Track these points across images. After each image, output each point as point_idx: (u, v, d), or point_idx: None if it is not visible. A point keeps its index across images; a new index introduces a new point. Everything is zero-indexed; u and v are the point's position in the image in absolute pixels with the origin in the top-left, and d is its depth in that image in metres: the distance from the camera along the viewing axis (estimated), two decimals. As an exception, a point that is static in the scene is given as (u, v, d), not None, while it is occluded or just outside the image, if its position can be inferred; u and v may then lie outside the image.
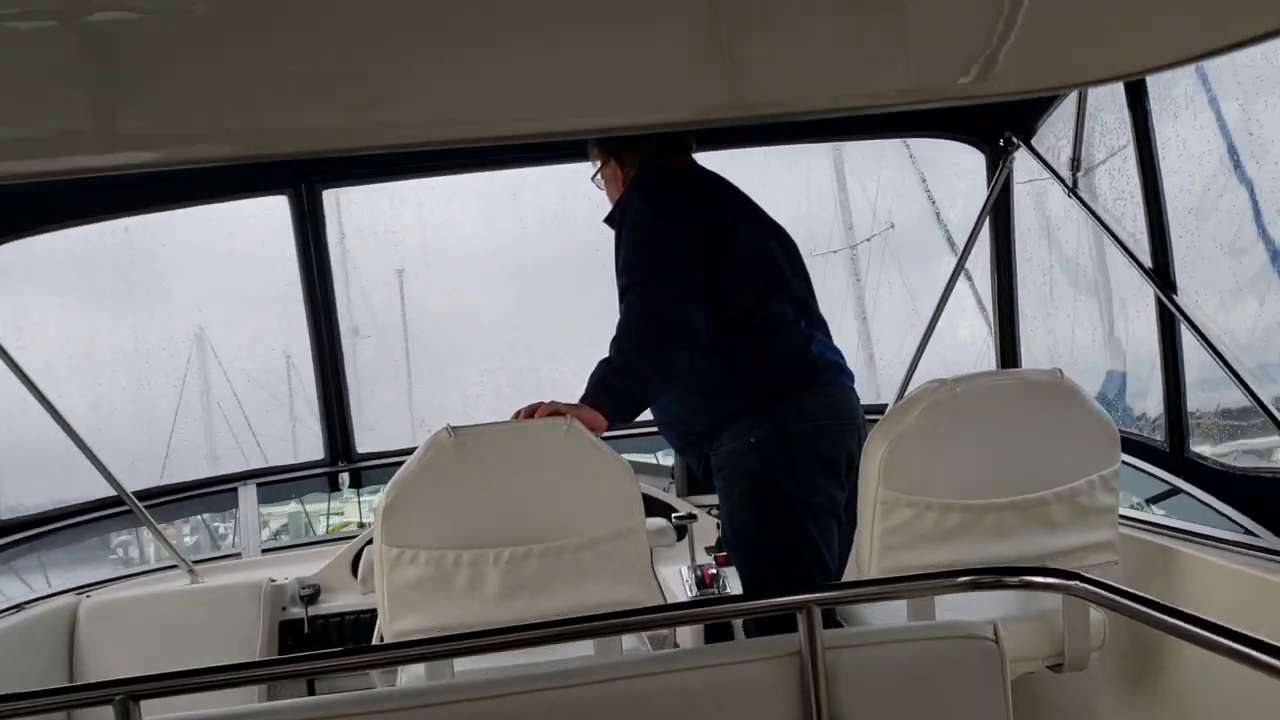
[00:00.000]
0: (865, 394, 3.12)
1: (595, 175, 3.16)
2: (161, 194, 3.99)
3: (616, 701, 1.54)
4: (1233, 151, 2.83)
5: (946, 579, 1.71)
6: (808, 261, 3.12)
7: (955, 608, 2.74)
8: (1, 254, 3.72)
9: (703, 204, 2.93)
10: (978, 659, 1.56)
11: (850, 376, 3.00)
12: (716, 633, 3.17)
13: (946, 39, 1.71)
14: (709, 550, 3.61)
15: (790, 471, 2.79)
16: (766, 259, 2.98)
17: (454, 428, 2.48)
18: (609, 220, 3.04)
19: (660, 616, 1.74)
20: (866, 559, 2.56)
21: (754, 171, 3.84)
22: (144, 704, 1.45)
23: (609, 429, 2.62)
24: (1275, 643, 1.17)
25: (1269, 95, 2.59)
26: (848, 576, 2.93)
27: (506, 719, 1.53)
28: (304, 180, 4.00)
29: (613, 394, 2.63)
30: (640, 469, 4.43)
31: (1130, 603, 1.37)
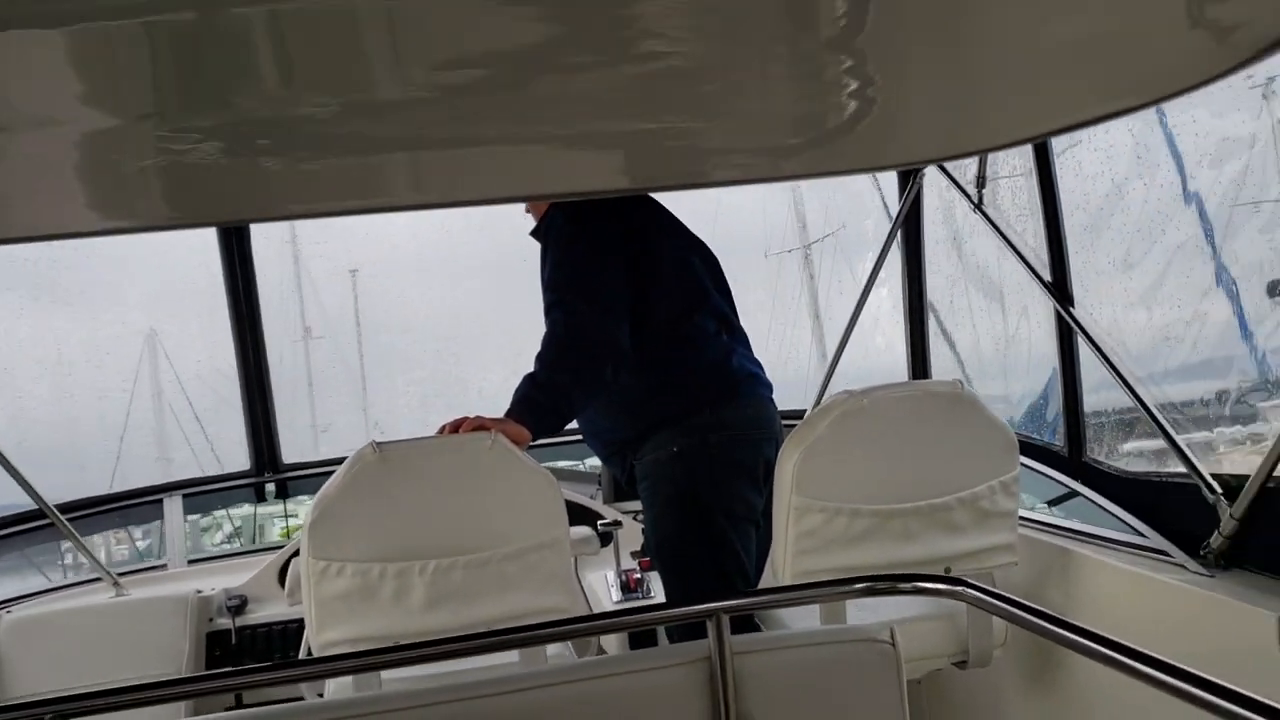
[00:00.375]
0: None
1: None
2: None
3: (537, 709, 1.61)
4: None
5: (845, 585, 1.82)
6: (765, 260, 3.23)
7: (868, 608, 2.87)
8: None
9: (626, 220, 3.01)
10: (876, 661, 1.66)
11: (768, 388, 3.12)
12: (640, 637, 3.26)
13: (859, 116, 1.81)
14: (634, 555, 3.69)
15: (711, 481, 2.89)
16: (689, 274, 3.08)
17: (379, 443, 2.54)
18: (535, 234, 3.11)
19: (578, 627, 1.83)
20: (781, 563, 2.67)
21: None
22: (74, 721, 1.50)
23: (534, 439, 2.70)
24: (1132, 646, 1.28)
25: (1154, 122, 2.75)
26: (764, 580, 3.04)
27: None
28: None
29: (537, 409, 2.71)
30: (568, 475, 4.52)
31: (1008, 606, 1.48)
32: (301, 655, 3.15)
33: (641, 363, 2.93)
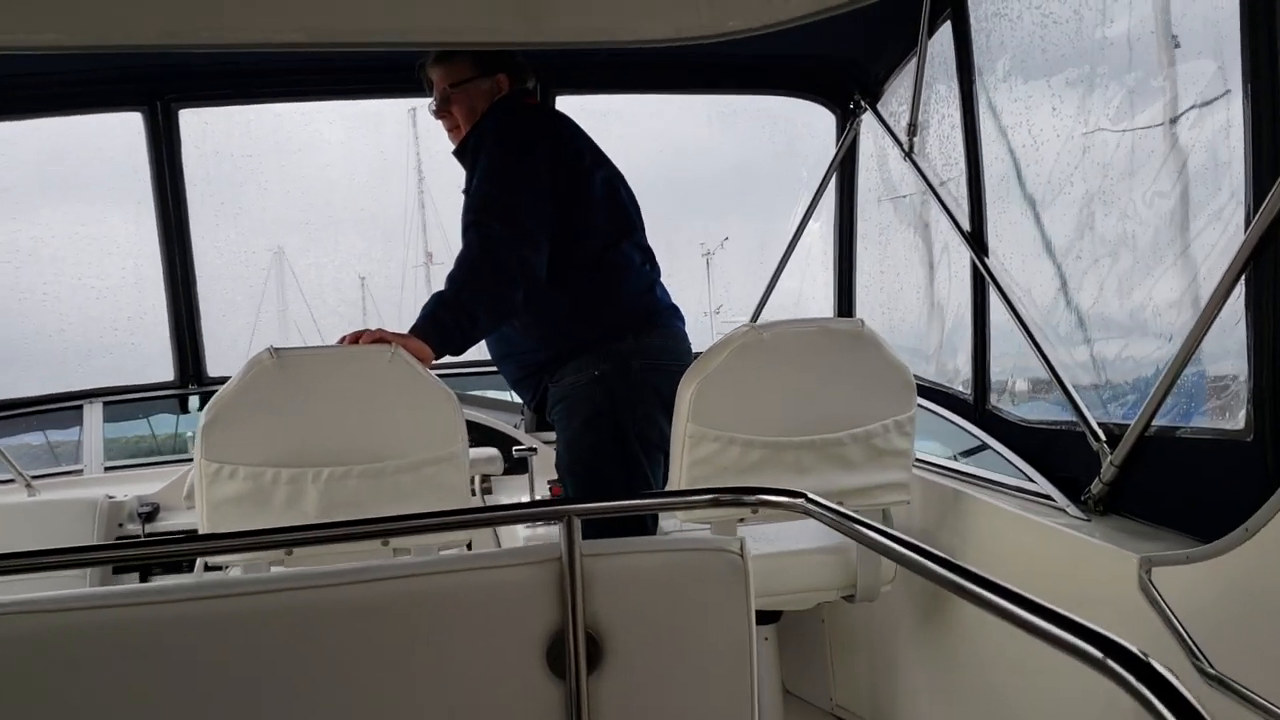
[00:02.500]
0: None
1: (452, 87, 3.09)
2: (8, 103, 3.90)
3: (387, 599, 1.64)
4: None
5: (693, 495, 1.86)
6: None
7: (765, 538, 2.93)
8: None
9: (558, 144, 3.00)
10: (724, 571, 1.70)
11: (683, 320, 3.15)
12: None
13: None
14: (550, 484, 3.73)
15: (630, 405, 2.92)
16: (617, 204, 3.08)
17: (276, 349, 2.54)
18: (458, 154, 3.09)
19: (436, 521, 1.85)
20: (675, 488, 2.71)
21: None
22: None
23: (445, 362, 2.72)
24: (964, 565, 1.32)
25: (1068, 73, 2.77)
26: (663, 521, 3.08)
27: (274, 615, 1.62)
28: (159, 98, 3.95)
29: (441, 327, 2.71)
30: (493, 404, 4.54)
31: (844, 521, 1.51)
32: (198, 568, 3.17)
33: (568, 287, 2.93)
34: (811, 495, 1.63)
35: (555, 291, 2.90)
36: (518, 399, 4.52)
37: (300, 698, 1.63)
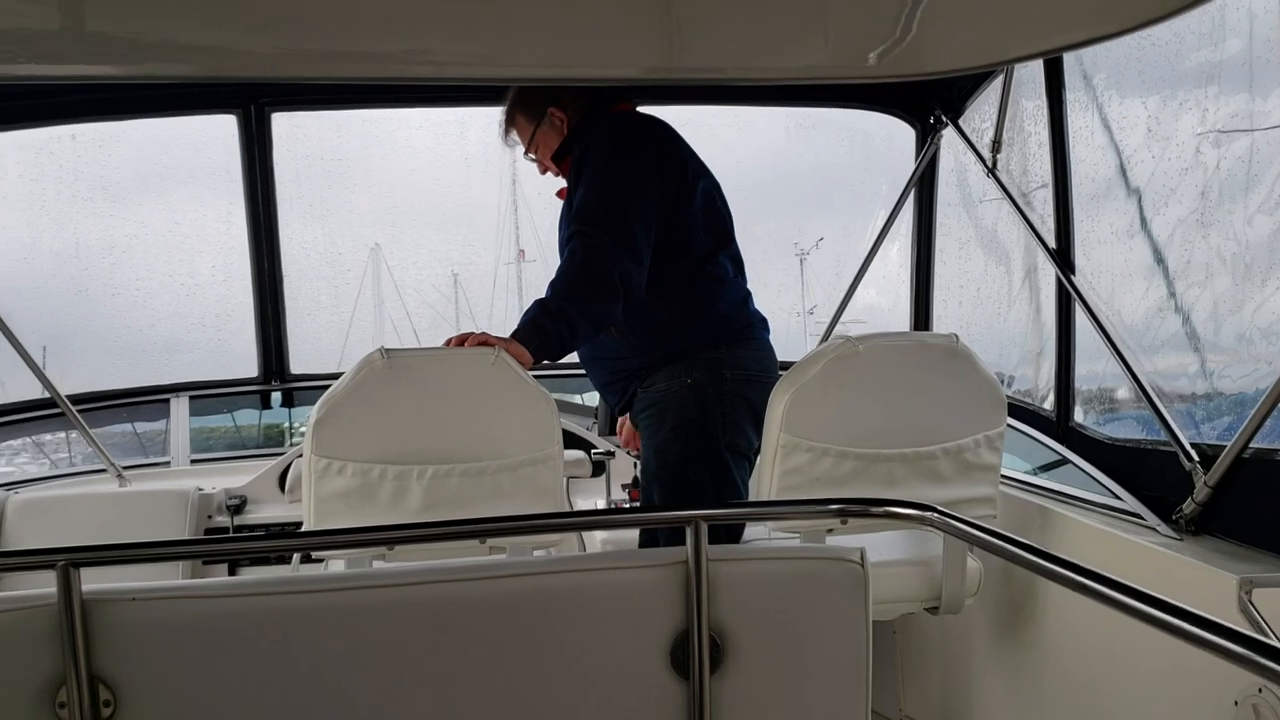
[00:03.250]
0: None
1: (528, 152, 3.20)
2: (106, 104, 4.02)
3: (514, 596, 1.70)
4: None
5: (820, 505, 1.91)
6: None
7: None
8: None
9: (664, 155, 3.02)
10: (844, 579, 1.75)
11: (769, 331, 3.19)
12: None
13: (870, 18, 1.86)
14: (624, 487, 3.78)
15: (721, 414, 2.95)
16: (716, 216, 3.12)
17: (387, 350, 2.62)
18: (558, 158, 3.11)
19: (560, 522, 1.91)
20: (765, 496, 2.75)
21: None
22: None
23: (535, 366, 2.77)
24: (1090, 568, 1.36)
25: (1169, 94, 2.79)
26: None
27: (407, 608, 1.68)
28: (253, 101, 4.06)
29: (542, 334, 2.75)
30: (566, 407, 4.61)
31: (975, 532, 1.56)
32: (295, 561, 3.26)
33: (666, 295, 2.98)
34: (941, 509, 1.67)
35: (654, 299, 2.94)
36: (589, 402, 4.61)
37: (429, 687, 1.70)
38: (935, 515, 1.68)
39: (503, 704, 1.71)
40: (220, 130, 4.10)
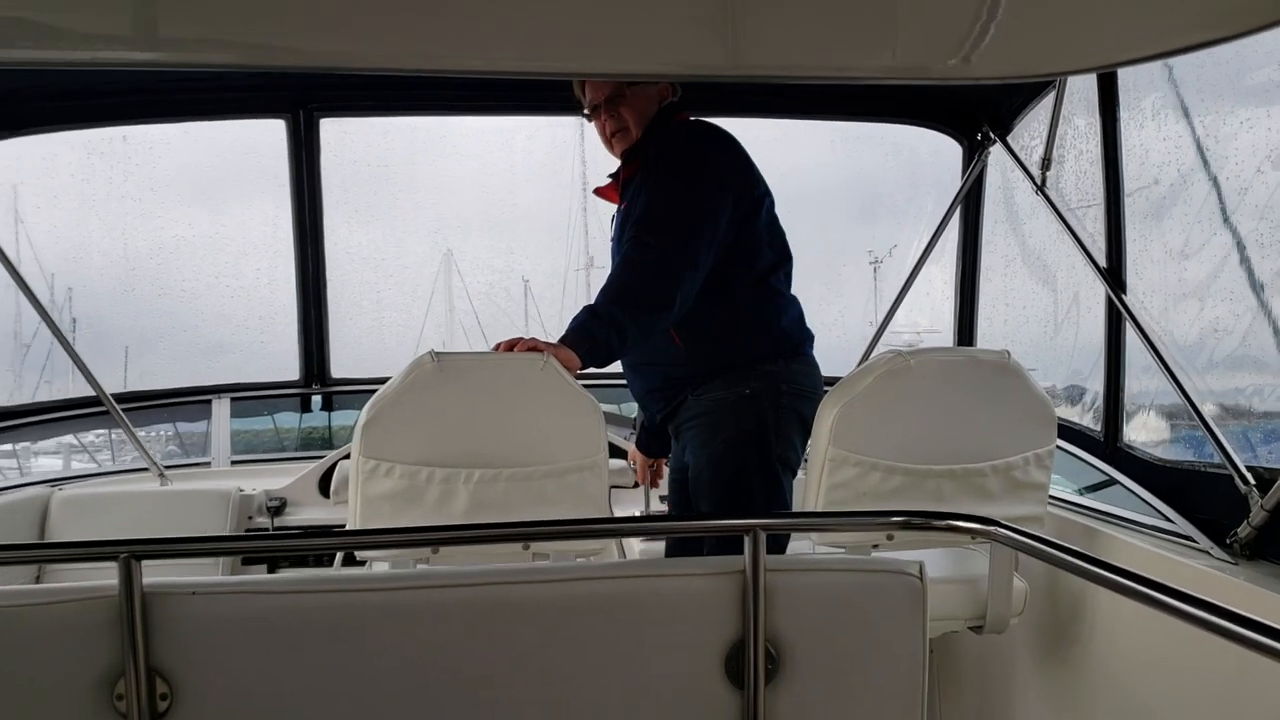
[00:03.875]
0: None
1: (586, 111, 3.14)
2: (157, 107, 4.07)
3: (568, 600, 1.69)
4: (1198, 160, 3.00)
5: (881, 517, 1.89)
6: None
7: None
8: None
9: (738, 168, 3.00)
10: (903, 593, 1.73)
11: (813, 348, 3.17)
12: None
13: (931, 21, 1.85)
14: (663, 499, 3.77)
15: (777, 426, 2.94)
16: (777, 230, 3.10)
17: (437, 353, 2.62)
18: (628, 157, 3.06)
19: (615, 527, 1.91)
20: (812, 509, 2.73)
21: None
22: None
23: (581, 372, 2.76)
24: (1166, 583, 1.34)
25: (1228, 110, 2.76)
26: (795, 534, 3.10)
27: (460, 609, 1.68)
28: (303, 107, 4.10)
29: (591, 340, 2.73)
30: (605, 417, 4.60)
31: (1042, 546, 1.54)
32: (336, 562, 3.26)
33: (730, 306, 2.96)
34: (1004, 522, 1.65)
35: (718, 309, 2.92)
36: (628, 413, 4.59)
37: (480, 689, 1.69)
38: (998, 530, 1.66)
39: (554, 708, 1.70)
40: (269, 135, 4.13)
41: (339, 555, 3.09)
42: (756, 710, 1.69)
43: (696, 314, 2.89)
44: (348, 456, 2.71)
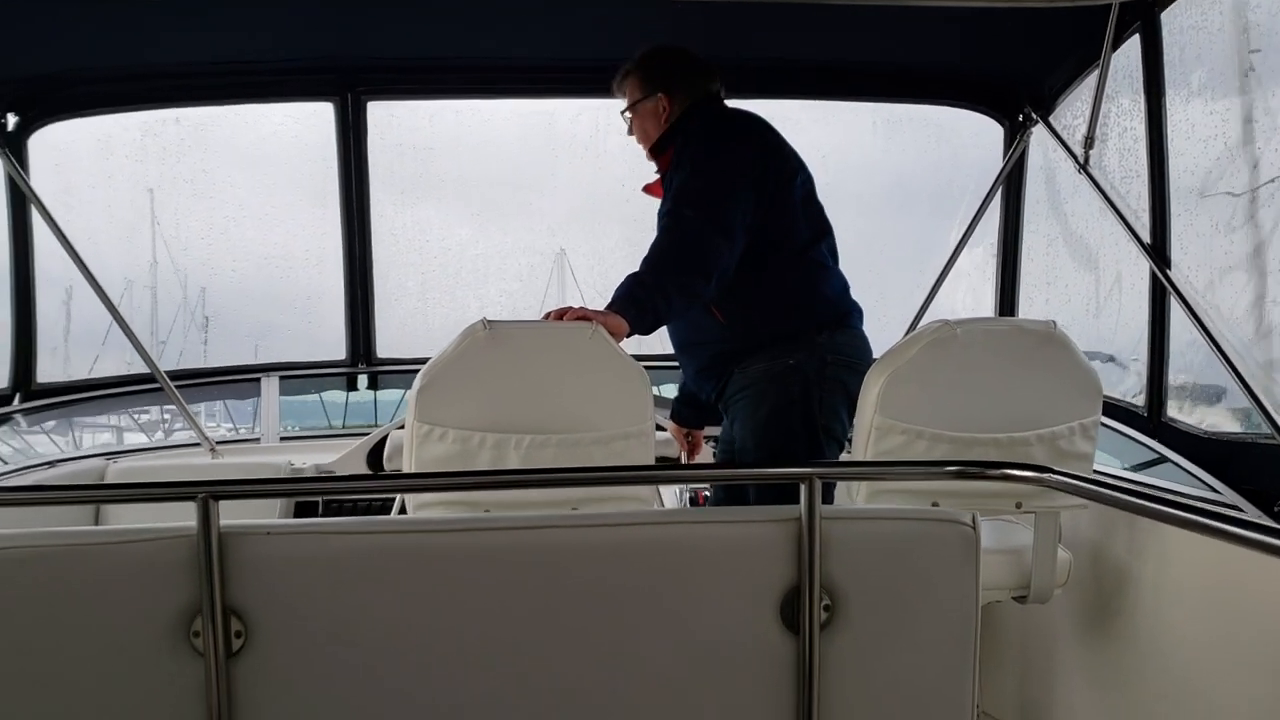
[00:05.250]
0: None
1: (626, 110, 3.32)
2: (209, 89, 4.15)
3: (625, 545, 1.74)
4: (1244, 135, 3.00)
5: (936, 467, 1.92)
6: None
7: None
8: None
9: (762, 145, 3.10)
10: (957, 541, 1.76)
11: (863, 322, 3.21)
12: None
13: None
14: None
15: (821, 397, 3.00)
16: (814, 205, 3.18)
17: (489, 321, 2.67)
18: (656, 150, 3.21)
19: (673, 474, 1.95)
20: (857, 483, 2.76)
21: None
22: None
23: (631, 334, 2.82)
24: (1220, 510, 1.36)
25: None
26: (837, 500, 3.14)
27: (525, 552, 1.73)
28: (350, 90, 4.17)
29: (638, 305, 2.81)
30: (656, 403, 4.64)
31: (1093, 486, 1.56)
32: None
33: (771, 279, 3.04)
34: (1058, 470, 1.68)
35: (757, 283, 3.00)
36: (667, 394, 4.63)
37: (544, 629, 1.74)
38: (1052, 475, 1.69)
39: (614, 650, 1.75)
40: (317, 118, 4.20)
41: (394, 510, 3.14)
42: (812, 655, 1.72)
43: (735, 288, 2.97)
44: (400, 427, 2.77)
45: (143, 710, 1.70)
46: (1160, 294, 3.24)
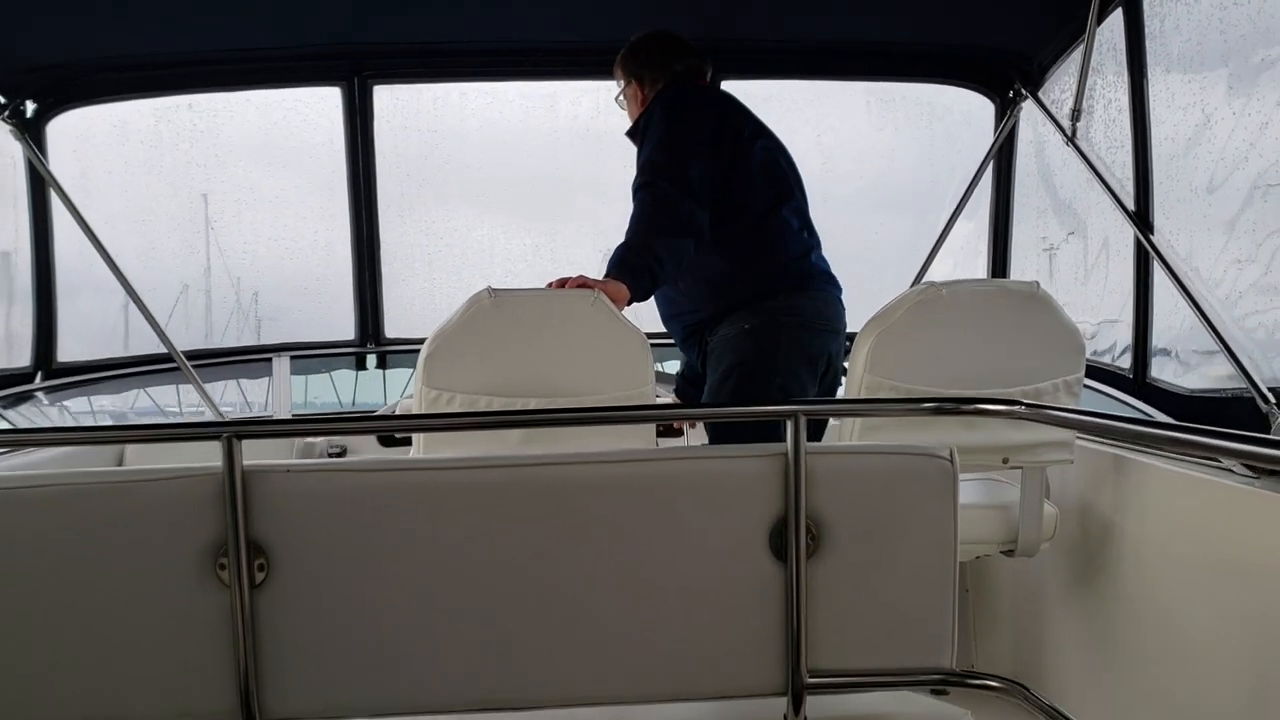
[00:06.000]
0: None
1: (619, 95, 3.52)
2: (221, 76, 4.27)
3: (623, 480, 1.85)
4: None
5: (914, 404, 2.02)
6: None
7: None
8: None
9: (719, 119, 3.24)
10: (935, 475, 1.87)
11: (839, 288, 3.30)
12: None
13: None
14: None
15: (773, 358, 3.11)
16: (777, 172, 3.30)
17: (494, 289, 2.78)
18: (631, 134, 3.36)
19: (661, 414, 2.05)
20: (848, 436, 2.87)
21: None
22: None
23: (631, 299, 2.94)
24: (1201, 426, 1.45)
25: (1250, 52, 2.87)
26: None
27: (532, 488, 1.84)
28: (358, 74, 4.28)
29: (633, 270, 2.94)
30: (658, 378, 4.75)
31: (1067, 414, 1.67)
32: None
33: (727, 248, 3.17)
34: (1026, 401, 1.78)
35: (716, 252, 3.14)
36: (669, 370, 4.75)
37: (548, 561, 1.85)
38: (1023, 407, 1.80)
39: (615, 579, 1.86)
40: (325, 103, 4.32)
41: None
42: (799, 582, 1.83)
43: (699, 262, 3.13)
44: (410, 398, 2.88)
45: (173, 640, 1.81)
46: (1144, 259, 3.34)
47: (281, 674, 1.81)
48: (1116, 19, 3.45)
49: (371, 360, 4.63)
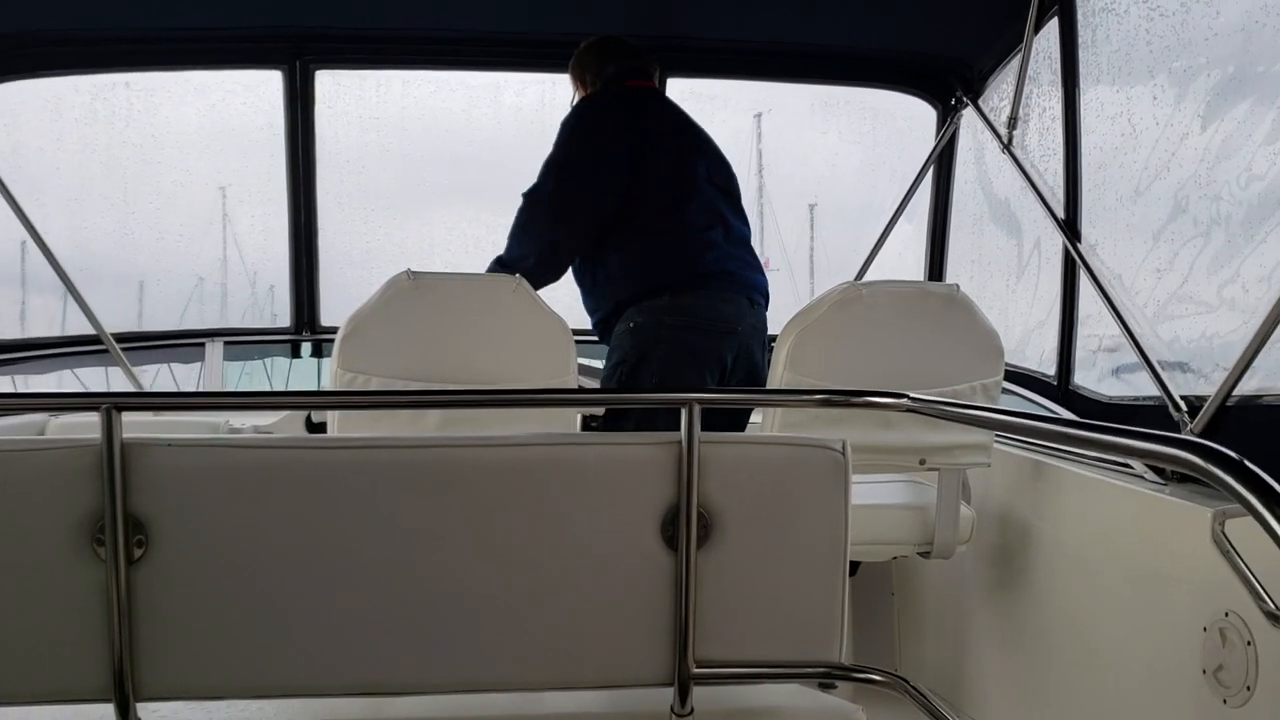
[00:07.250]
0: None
1: (573, 97, 3.57)
2: (159, 55, 4.21)
3: (519, 464, 1.82)
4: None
5: (805, 394, 2.02)
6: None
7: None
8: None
9: (629, 125, 3.25)
10: (827, 466, 1.86)
11: (751, 288, 3.30)
12: None
13: None
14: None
15: (654, 357, 3.13)
16: (686, 171, 3.30)
17: (413, 271, 2.76)
18: None
19: (561, 398, 2.03)
20: (769, 431, 2.87)
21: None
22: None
23: None
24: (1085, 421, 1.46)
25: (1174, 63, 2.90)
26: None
27: (421, 469, 1.81)
28: (299, 59, 4.23)
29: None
30: (583, 371, 4.74)
31: (949, 407, 1.66)
32: None
33: (621, 250, 3.23)
34: (914, 395, 1.78)
35: (609, 253, 3.21)
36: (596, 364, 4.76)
37: (435, 545, 1.81)
38: (907, 400, 1.80)
39: (504, 565, 1.83)
40: (265, 86, 4.27)
41: None
42: (689, 571, 1.82)
43: (591, 261, 3.25)
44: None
45: (46, 616, 1.77)
46: (1071, 267, 3.36)
47: (158, 653, 1.78)
48: (1054, 28, 3.48)
49: (306, 348, 4.58)
